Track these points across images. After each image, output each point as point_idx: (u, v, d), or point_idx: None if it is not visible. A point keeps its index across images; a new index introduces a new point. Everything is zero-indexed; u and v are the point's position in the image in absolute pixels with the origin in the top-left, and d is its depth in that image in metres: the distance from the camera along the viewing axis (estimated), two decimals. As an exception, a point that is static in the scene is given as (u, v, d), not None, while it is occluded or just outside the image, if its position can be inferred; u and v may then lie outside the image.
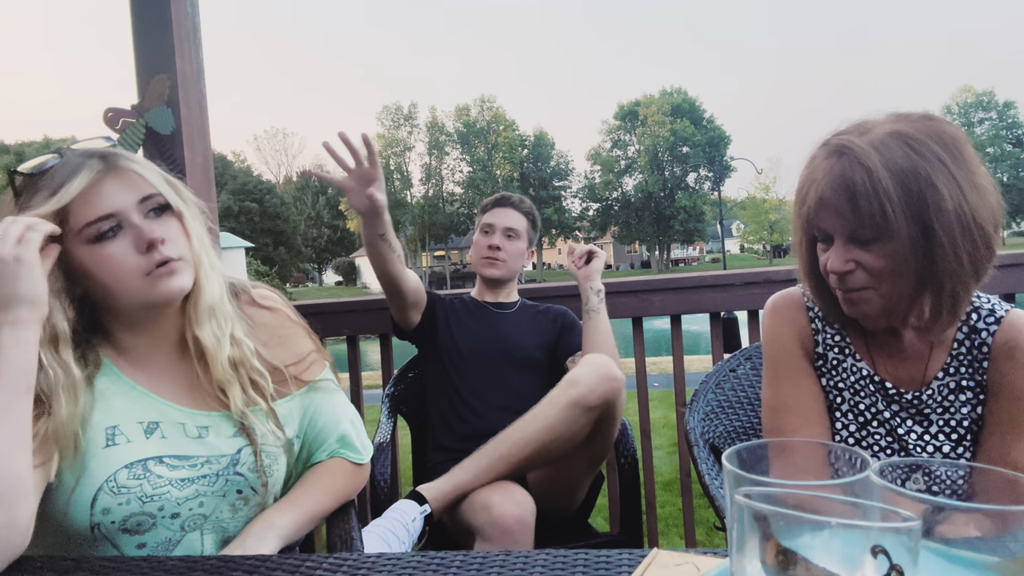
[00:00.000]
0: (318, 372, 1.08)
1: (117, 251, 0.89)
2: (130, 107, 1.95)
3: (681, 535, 2.88)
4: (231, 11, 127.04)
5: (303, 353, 1.07)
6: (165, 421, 0.94)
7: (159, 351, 0.98)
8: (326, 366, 1.10)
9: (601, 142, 58.80)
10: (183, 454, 0.94)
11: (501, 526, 1.42)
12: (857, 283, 0.98)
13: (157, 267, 0.90)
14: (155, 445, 0.92)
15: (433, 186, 56.91)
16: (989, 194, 0.94)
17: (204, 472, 0.94)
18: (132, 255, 0.89)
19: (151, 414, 0.94)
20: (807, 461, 0.58)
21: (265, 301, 1.09)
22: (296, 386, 1.04)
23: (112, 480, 0.88)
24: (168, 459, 0.92)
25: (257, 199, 45.29)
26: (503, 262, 2.00)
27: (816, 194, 0.97)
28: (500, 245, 1.99)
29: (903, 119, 0.96)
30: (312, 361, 1.08)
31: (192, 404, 0.97)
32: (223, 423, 0.98)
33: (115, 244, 0.89)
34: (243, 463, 0.97)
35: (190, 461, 0.94)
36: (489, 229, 2.02)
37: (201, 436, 0.96)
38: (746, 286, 2.13)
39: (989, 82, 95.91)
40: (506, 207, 2.04)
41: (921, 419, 1.06)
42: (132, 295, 0.91)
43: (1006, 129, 53.57)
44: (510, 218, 2.02)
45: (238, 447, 0.97)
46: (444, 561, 0.69)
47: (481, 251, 2.02)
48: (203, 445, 0.95)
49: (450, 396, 1.88)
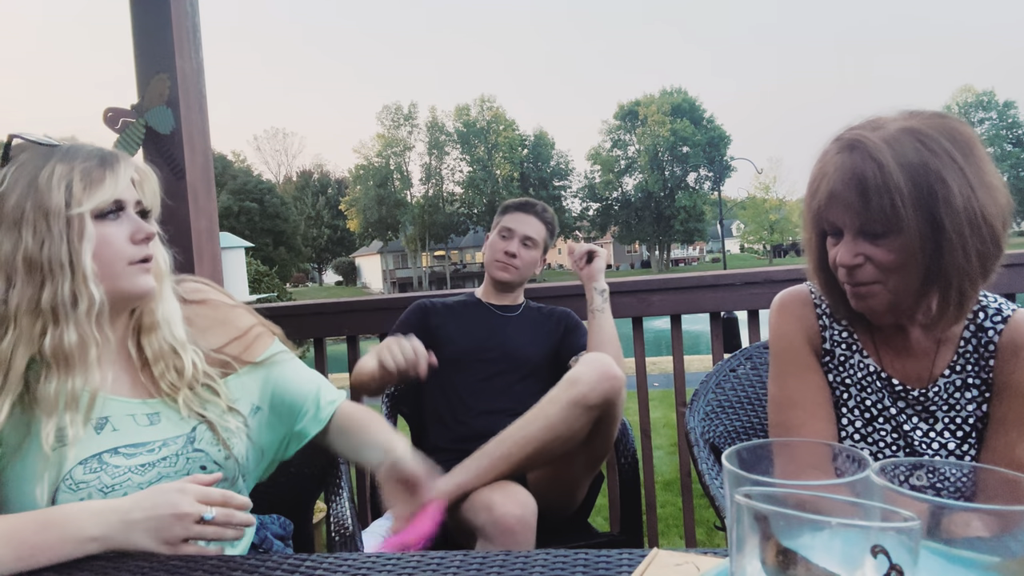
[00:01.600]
0: (267, 343, 1.10)
1: (114, 233, 0.93)
2: (130, 107, 1.95)
3: (681, 535, 2.88)
4: (231, 11, 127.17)
5: (245, 328, 1.09)
6: (114, 414, 0.95)
7: (112, 353, 0.98)
8: (274, 338, 1.12)
9: (601, 142, 58.82)
10: (138, 441, 0.94)
11: (503, 526, 1.42)
12: (865, 277, 0.99)
13: (142, 260, 0.95)
14: (108, 438, 0.92)
15: (433, 186, 56.88)
16: (999, 192, 0.94)
17: (163, 454, 0.95)
18: (125, 242, 0.94)
19: (98, 410, 0.94)
20: (808, 460, 0.58)
21: (194, 295, 1.09)
22: (242, 363, 1.06)
23: (68, 478, 0.88)
24: (123, 449, 0.93)
25: (257, 199, 45.26)
26: (517, 269, 2.00)
27: (827, 187, 0.98)
28: (517, 253, 1.98)
29: (915, 116, 0.96)
30: (257, 334, 1.09)
31: (136, 394, 0.98)
32: (172, 406, 0.98)
33: (114, 226, 0.93)
34: (200, 438, 0.98)
35: (147, 447, 0.94)
36: (508, 234, 2.00)
37: (153, 423, 0.97)
38: (746, 286, 2.13)
39: (989, 82, 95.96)
40: (529, 214, 2.02)
41: (927, 416, 1.07)
42: (113, 280, 0.93)
43: (1006, 129, 53.62)
44: (531, 226, 2.01)
45: (192, 426, 0.98)
46: (444, 561, 0.69)
47: (497, 254, 2.00)
48: (157, 430, 0.96)
49: (450, 398, 1.88)
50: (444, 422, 1.85)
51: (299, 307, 2.47)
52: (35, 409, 0.88)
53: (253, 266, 19.37)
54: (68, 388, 0.88)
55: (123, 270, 0.93)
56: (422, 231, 54.73)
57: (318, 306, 2.42)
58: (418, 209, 54.77)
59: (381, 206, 53.19)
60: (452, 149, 56.97)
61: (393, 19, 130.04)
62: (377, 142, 55.52)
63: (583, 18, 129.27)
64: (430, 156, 56.69)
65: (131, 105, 1.95)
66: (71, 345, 0.88)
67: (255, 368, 1.07)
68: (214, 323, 1.07)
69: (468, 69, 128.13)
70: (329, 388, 1.14)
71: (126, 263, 0.94)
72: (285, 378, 1.10)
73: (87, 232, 0.90)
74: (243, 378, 1.06)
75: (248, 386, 1.06)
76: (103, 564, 0.77)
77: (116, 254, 0.93)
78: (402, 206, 54.14)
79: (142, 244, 0.95)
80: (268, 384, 1.08)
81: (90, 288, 0.89)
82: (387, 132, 55.88)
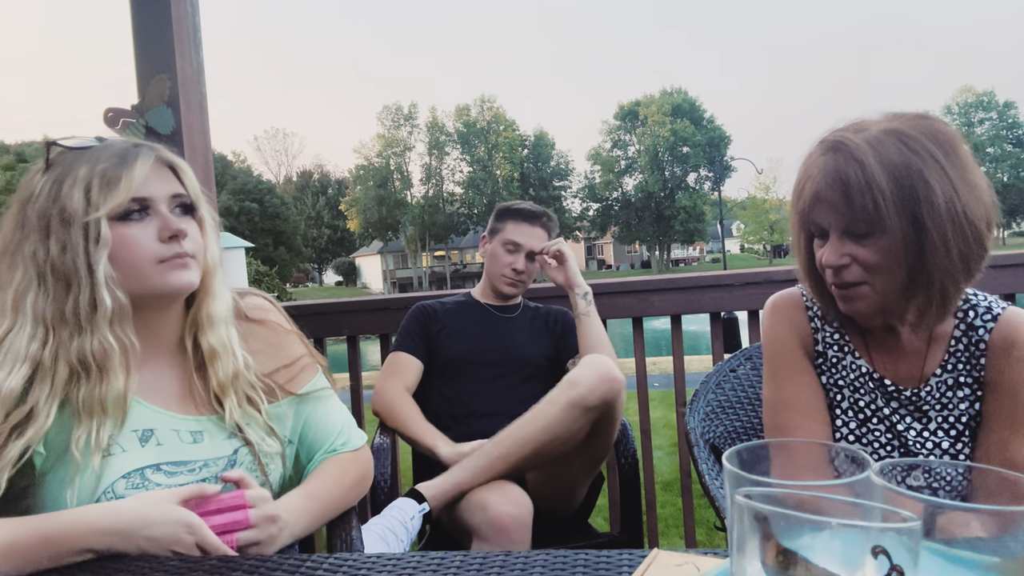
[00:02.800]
0: (310, 376, 1.09)
1: (139, 233, 0.91)
2: (130, 107, 1.95)
3: (681, 535, 2.88)
4: (231, 11, 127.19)
5: (294, 358, 1.08)
6: (160, 428, 0.94)
7: (155, 353, 0.98)
8: (318, 370, 1.11)
9: (601, 142, 58.76)
10: (180, 459, 0.93)
11: (497, 525, 1.42)
12: (852, 277, 1.00)
13: (173, 257, 0.92)
14: (152, 453, 0.92)
15: (433, 186, 56.85)
16: (982, 192, 0.95)
17: (203, 476, 0.94)
18: (152, 241, 0.91)
19: (144, 421, 0.93)
20: (808, 460, 0.58)
21: (256, 313, 1.09)
22: (285, 393, 1.05)
23: (110, 491, 0.87)
24: (165, 466, 0.92)
25: (257, 199, 45.23)
26: (523, 283, 2.00)
27: (811, 189, 0.99)
28: (525, 269, 1.97)
29: (899, 118, 0.97)
30: (303, 366, 1.09)
31: (183, 410, 0.97)
32: (216, 426, 0.98)
33: (139, 226, 0.91)
34: (240, 463, 0.97)
35: (188, 466, 0.94)
36: (515, 248, 1.96)
37: (196, 441, 0.96)
38: (746, 286, 2.13)
39: (990, 82, 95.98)
40: (535, 226, 1.98)
41: (920, 416, 1.07)
42: (142, 280, 0.91)
43: (1006, 129, 53.53)
44: (538, 239, 1.98)
45: (234, 448, 0.98)
46: (444, 561, 0.70)
47: (503, 268, 1.97)
48: (200, 449, 0.95)
49: (452, 401, 1.88)
50: (447, 425, 1.85)
51: (299, 307, 2.47)
52: (73, 417, 0.88)
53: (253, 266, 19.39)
54: (96, 395, 0.87)
55: (151, 269, 0.91)
56: (422, 231, 54.72)
57: (318, 306, 2.42)
58: (418, 209, 54.74)
59: (381, 206, 53.18)
60: (452, 149, 56.96)
61: (395, 19, 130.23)
62: (377, 142, 55.51)
63: (591, 18, 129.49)
64: (430, 156, 56.67)
65: (131, 105, 1.95)
66: (93, 353, 0.87)
67: (294, 401, 1.06)
68: (268, 346, 1.06)
69: (471, 68, 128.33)
70: (345, 434, 1.12)
71: (155, 262, 0.91)
72: (316, 415, 1.09)
73: (103, 237, 0.88)
74: (281, 408, 1.05)
75: (283, 417, 1.05)
76: (103, 564, 0.77)
77: (142, 254, 0.90)
78: (402, 206, 54.10)
79: (171, 242, 0.92)
80: (300, 418, 1.08)
81: (104, 294, 0.87)
82: (387, 132, 55.86)
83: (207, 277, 0.98)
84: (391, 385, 1.85)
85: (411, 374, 1.89)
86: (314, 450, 1.09)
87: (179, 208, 0.95)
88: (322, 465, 1.08)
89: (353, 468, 1.10)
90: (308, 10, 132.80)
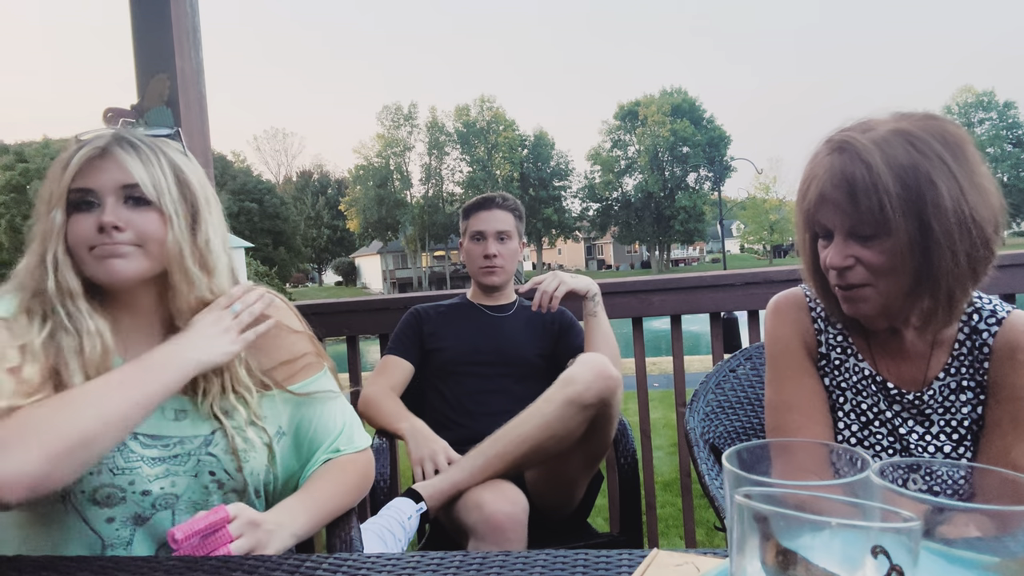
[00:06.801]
0: (311, 374, 1.10)
1: (80, 222, 0.95)
2: (130, 107, 1.95)
3: (681, 535, 2.88)
4: (231, 11, 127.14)
5: (296, 355, 1.09)
6: None
7: (139, 327, 1.01)
8: (323, 369, 1.12)
9: (601, 142, 58.73)
10: (157, 434, 0.96)
11: (493, 523, 1.43)
12: (856, 279, 0.99)
13: (101, 247, 0.95)
14: None
15: (433, 186, 56.82)
16: (990, 195, 0.94)
17: (176, 452, 0.96)
18: (90, 230, 0.94)
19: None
20: (808, 461, 0.58)
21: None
22: (281, 385, 1.06)
23: None
24: (142, 437, 0.95)
25: (257, 199, 45.21)
26: (501, 268, 1.98)
27: (817, 189, 0.98)
28: (496, 252, 1.96)
29: (906, 118, 0.96)
30: (306, 364, 1.09)
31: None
32: (201, 406, 0.99)
33: (83, 216, 0.95)
34: (216, 443, 0.99)
35: (163, 441, 0.96)
36: (480, 236, 1.97)
37: (178, 419, 0.98)
38: (746, 286, 2.13)
39: (992, 83, 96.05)
40: (492, 209, 1.98)
41: (922, 419, 1.06)
42: (83, 267, 0.96)
43: (1006, 129, 53.54)
44: (499, 220, 1.97)
45: (212, 428, 0.99)
46: (444, 561, 0.70)
47: (477, 260, 1.98)
48: (179, 426, 0.97)
49: (450, 402, 1.88)
50: (445, 426, 1.85)
51: (299, 307, 2.45)
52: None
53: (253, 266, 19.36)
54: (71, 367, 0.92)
55: (86, 257, 0.95)
56: (422, 231, 54.70)
57: (318, 306, 2.42)
58: (418, 209, 54.72)
59: (381, 206, 53.16)
60: (452, 149, 56.94)
61: (395, 18, 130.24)
62: (377, 142, 55.50)
63: (591, 18, 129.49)
64: (430, 156, 56.66)
65: (131, 105, 1.96)
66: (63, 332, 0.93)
67: (290, 395, 1.07)
68: (269, 343, 1.07)
69: (471, 68, 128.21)
70: (348, 435, 1.12)
71: (87, 250, 0.95)
72: (317, 413, 1.10)
73: (56, 224, 0.94)
74: (276, 400, 1.06)
75: (278, 409, 1.07)
76: (103, 564, 0.77)
77: (76, 243, 0.95)
78: (402, 206, 54.09)
79: (102, 233, 0.94)
80: (297, 414, 1.09)
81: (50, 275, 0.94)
82: (387, 132, 55.85)
83: (172, 270, 0.98)
84: (375, 386, 1.85)
85: (398, 375, 1.89)
86: (314, 448, 1.09)
87: (132, 200, 0.96)
88: (323, 466, 1.08)
89: (354, 469, 1.10)
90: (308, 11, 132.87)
